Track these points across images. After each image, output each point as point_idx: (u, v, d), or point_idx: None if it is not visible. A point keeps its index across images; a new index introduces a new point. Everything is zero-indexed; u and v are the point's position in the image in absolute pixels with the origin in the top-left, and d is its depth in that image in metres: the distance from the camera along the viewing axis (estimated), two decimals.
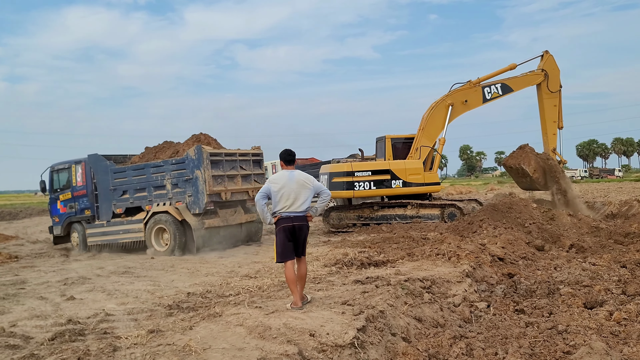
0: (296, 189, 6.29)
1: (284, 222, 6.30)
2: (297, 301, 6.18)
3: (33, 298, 8.21)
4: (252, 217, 14.15)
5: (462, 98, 17.86)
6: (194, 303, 7.32)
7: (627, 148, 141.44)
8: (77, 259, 13.12)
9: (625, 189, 32.09)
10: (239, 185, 13.30)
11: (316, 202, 6.66)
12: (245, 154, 13.76)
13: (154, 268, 10.90)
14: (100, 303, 7.71)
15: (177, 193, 13.03)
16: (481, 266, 8.94)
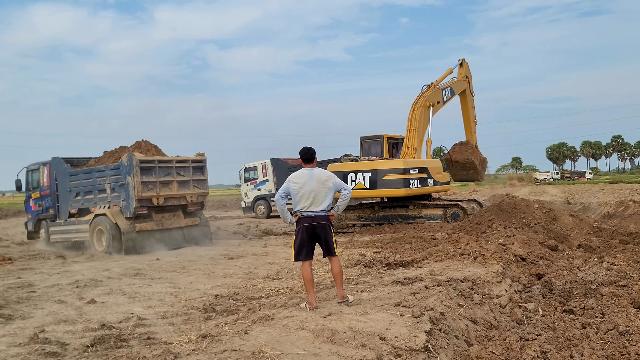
0: (316, 188, 6.06)
1: (304, 221, 6.09)
2: (313, 301, 5.99)
3: (50, 301, 7.76)
4: (193, 221, 14.64)
5: (435, 99, 18.22)
6: (229, 305, 7.01)
7: (595, 151, 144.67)
8: (76, 261, 12.60)
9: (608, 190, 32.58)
10: (174, 191, 13.72)
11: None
12: (185, 161, 14.11)
13: (164, 270, 10.49)
14: (124, 306, 7.33)
15: (114, 197, 13.64)
16: (509, 266, 8.80)
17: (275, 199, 6.13)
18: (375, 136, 17.83)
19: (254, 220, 24.03)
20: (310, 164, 6.26)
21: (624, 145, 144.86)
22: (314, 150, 6.30)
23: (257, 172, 25.93)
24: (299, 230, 6.11)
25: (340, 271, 6.28)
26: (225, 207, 36.62)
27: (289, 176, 6.23)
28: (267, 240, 15.59)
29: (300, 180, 6.07)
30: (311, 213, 6.06)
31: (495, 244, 10.30)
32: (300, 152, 6.30)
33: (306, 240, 6.11)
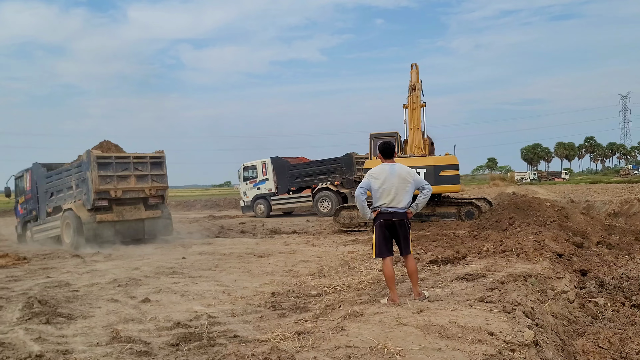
0: (397, 184, 6.00)
1: (384, 217, 6.02)
2: (395, 298, 5.93)
3: (101, 300, 7.53)
4: (155, 213, 15.49)
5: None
6: (293, 303, 6.88)
7: (569, 152, 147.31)
8: (95, 260, 12.30)
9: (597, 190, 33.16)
10: (132, 185, 14.73)
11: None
12: (142, 157, 15.10)
13: (198, 268, 10.30)
14: (182, 305, 7.14)
15: (79, 192, 14.76)
16: (554, 263, 8.84)
17: (356, 195, 6.03)
18: (389, 133, 17.75)
19: (254, 220, 23.82)
20: (390, 159, 6.19)
21: (597, 147, 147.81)
22: (394, 145, 6.23)
23: (256, 171, 25.73)
24: (378, 227, 6.04)
25: (415, 269, 6.24)
26: (219, 206, 36.25)
27: (369, 171, 6.14)
28: (285, 238, 15.44)
29: (380, 175, 5.99)
30: (391, 209, 5.99)
31: (530, 241, 10.34)
32: (380, 146, 6.22)
33: (386, 236, 6.04)
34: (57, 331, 5.96)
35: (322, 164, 24.42)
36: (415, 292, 6.10)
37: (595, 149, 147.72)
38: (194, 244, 14.77)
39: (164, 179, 15.51)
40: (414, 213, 6.26)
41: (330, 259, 10.57)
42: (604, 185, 45.86)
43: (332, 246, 13.00)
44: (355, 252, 11.41)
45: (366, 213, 6.05)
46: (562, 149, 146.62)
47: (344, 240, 13.89)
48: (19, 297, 7.97)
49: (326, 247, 12.92)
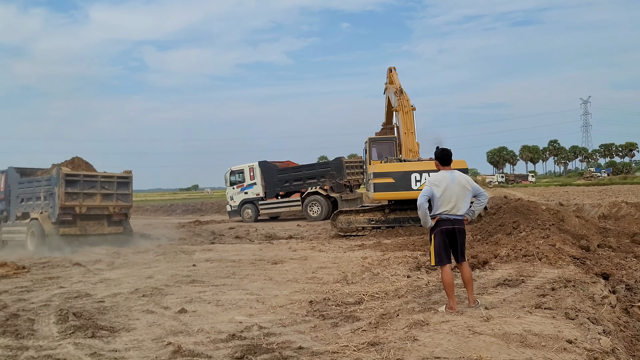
0: (458, 192, 6.02)
1: (444, 224, 6.03)
2: (454, 305, 5.95)
3: (135, 312, 7.30)
4: (117, 229, 16.40)
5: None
6: (339, 312, 6.78)
7: (533, 155, 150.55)
8: (99, 269, 11.95)
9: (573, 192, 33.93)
10: (97, 202, 15.59)
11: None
12: (110, 177, 16.08)
13: (214, 275, 10.10)
14: (222, 315, 6.98)
15: (46, 204, 15.59)
16: (576, 266, 8.97)
17: (419, 203, 5.98)
18: (387, 138, 17.79)
19: (243, 225, 23.60)
20: (448, 165, 6.17)
21: (560, 150, 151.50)
22: (451, 152, 6.22)
23: (244, 175, 25.47)
24: (438, 234, 6.02)
25: (471, 276, 6.24)
26: (201, 211, 35.75)
27: (430, 179, 6.11)
28: (287, 244, 15.30)
29: (442, 183, 5.97)
30: (451, 216, 5.98)
31: (546, 245, 10.46)
32: (438, 153, 6.20)
33: (446, 243, 6.02)
34: (107, 345, 5.75)
35: (312, 168, 24.35)
36: (471, 299, 6.09)
37: (559, 152, 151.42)
38: (195, 251, 14.52)
39: (128, 199, 16.43)
40: (470, 220, 6.25)
41: (348, 265, 10.51)
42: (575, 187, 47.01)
43: (339, 251, 12.93)
44: (369, 257, 11.37)
45: (427, 221, 6.01)
46: (527, 152, 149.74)
47: (350, 246, 13.83)
48: (41, 309, 7.68)
49: (334, 252, 12.85)
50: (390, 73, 21.20)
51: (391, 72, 21.15)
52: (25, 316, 7.17)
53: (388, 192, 15.69)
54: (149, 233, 20.15)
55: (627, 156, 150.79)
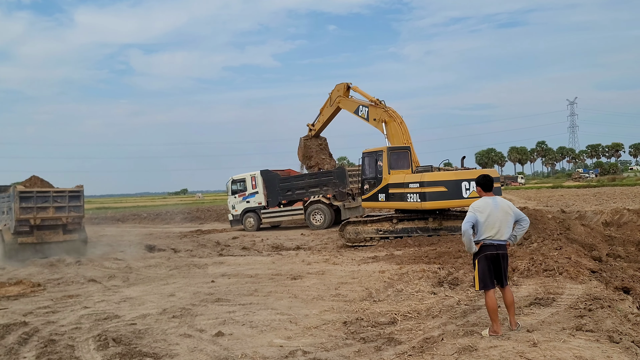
0: (501, 217, 6.15)
1: (488, 249, 6.15)
2: (498, 329, 6.06)
3: (172, 336, 7.31)
4: (72, 237, 18.16)
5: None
6: (377, 334, 6.84)
7: (521, 156, 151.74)
8: (116, 285, 11.96)
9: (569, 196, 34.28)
10: (50, 214, 17.55)
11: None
12: (62, 191, 17.99)
13: (237, 293, 10.12)
14: (260, 338, 7.02)
15: (7, 218, 17.63)
16: (598, 281, 9.12)
17: (464, 229, 6.08)
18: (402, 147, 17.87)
19: (246, 234, 23.62)
20: (490, 191, 6.28)
21: (548, 151, 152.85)
22: (492, 179, 6.34)
23: (245, 184, 25.48)
24: (483, 259, 6.12)
25: (513, 300, 6.34)
26: (200, 219, 35.65)
27: (473, 205, 6.21)
28: (297, 256, 15.34)
29: (485, 209, 6.08)
30: (494, 242, 6.09)
31: (563, 258, 10.61)
32: (481, 179, 6.31)
33: (490, 268, 6.13)
34: None
35: (314, 177, 24.39)
36: (513, 322, 6.20)
37: (547, 153, 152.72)
38: (207, 264, 14.53)
39: (80, 209, 18.30)
40: (512, 245, 6.37)
41: (369, 280, 10.58)
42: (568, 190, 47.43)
43: (353, 264, 13.01)
44: (386, 271, 11.45)
45: (472, 246, 6.11)
46: (515, 153, 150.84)
47: (363, 258, 13.91)
48: (74, 332, 7.69)
49: (349, 265, 12.92)
50: (348, 90, 22.18)
51: (348, 90, 22.18)
52: (62, 342, 7.18)
53: (440, 201, 15.69)
54: (154, 244, 20.11)
55: (613, 156, 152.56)
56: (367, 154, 18.03)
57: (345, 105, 21.96)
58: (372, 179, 17.75)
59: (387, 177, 16.98)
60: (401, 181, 16.43)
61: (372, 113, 19.76)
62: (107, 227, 34.34)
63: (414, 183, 15.92)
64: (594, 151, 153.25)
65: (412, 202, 15.91)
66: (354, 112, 20.92)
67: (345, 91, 22.11)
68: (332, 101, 22.65)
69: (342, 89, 22.13)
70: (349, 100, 21.76)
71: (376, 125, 19.43)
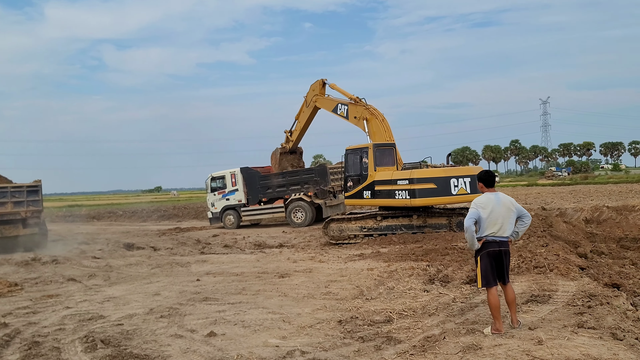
0: (504, 214, 6.06)
1: (491, 246, 6.06)
2: (500, 327, 5.97)
3: (162, 336, 7.06)
4: (32, 231, 18.68)
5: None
6: (375, 333, 6.70)
7: (495, 155, 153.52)
8: (97, 284, 11.62)
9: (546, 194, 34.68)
10: (9, 209, 18.12)
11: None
12: (20, 187, 18.63)
13: (224, 291, 9.89)
14: (254, 338, 6.82)
15: None
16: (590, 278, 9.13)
17: (466, 225, 5.96)
18: (388, 144, 17.76)
19: (226, 232, 23.33)
20: (492, 187, 6.19)
21: (521, 149, 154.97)
22: (495, 175, 6.25)
23: (225, 181, 25.15)
24: (485, 256, 6.02)
25: (514, 297, 6.25)
26: (178, 216, 35.12)
27: (475, 201, 6.10)
28: (281, 253, 15.13)
29: (488, 205, 5.98)
30: (497, 238, 6.00)
31: (551, 255, 10.60)
32: (483, 175, 6.21)
33: (492, 265, 6.03)
34: None
35: (295, 175, 24.19)
36: (515, 320, 6.12)
37: (520, 151, 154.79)
38: (189, 262, 14.24)
39: (39, 204, 18.84)
40: (514, 241, 6.28)
41: (358, 278, 10.44)
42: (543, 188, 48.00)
43: (340, 262, 12.86)
44: (375, 269, 11.33)
45: (475, 243, 6.01)
46: (489, 151, 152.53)
47: (349, 255, 13.77)
48: (58, 333, 7.41)
49: (335, 263, 12.77)
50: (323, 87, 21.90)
51: (324, 86, 21.89)
52: (46, 343, 6.89)
53: (430, 198, 15.64)
54: (133, 242, 19.71)
55: (584, 155, 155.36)
56: (351, 151, 17.85)
57: (322, 104, 21.71)
58: (356, 176, 17.60)
59: (373, 174, 16.84)
60: (389, 178, 16.32)
61: (352, 111, 19.58)
62: (82, 224, 33.68)
63: (402, 180, 15.82)
64: (566, 150, 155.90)
65: (401, 199, 15.81)
66: (333, 111, 20.70)
67: (321, 89, 21.82)
68: (309, 102, 22.39)
69: (318, 87, 21.85)
70: (326, 99, 21.51)
71: (357, 124, 19.27)
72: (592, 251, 12.96)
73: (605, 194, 31.81)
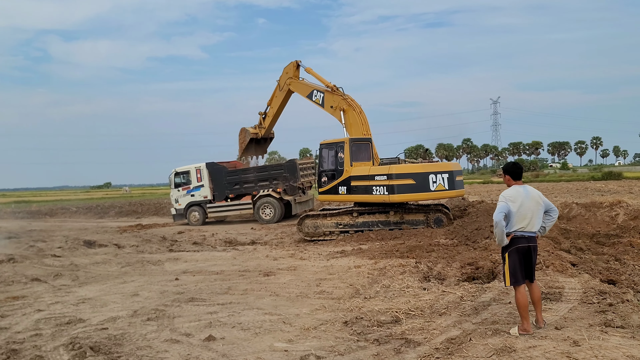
0: (533, 207, 5.76)
1: (519, 242, 5.75)
2: (528, 327, 5.68)
3: (155, 341, 6.47)
4: None
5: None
6: (388, 334, 6.30)
7: (448, 153, 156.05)
8: (63, 284, 10.81)
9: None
10: None
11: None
12: None
13: (210, 291, 9.29)
14: (255, 342, 6.31)
15: None
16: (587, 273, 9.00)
17: (497, 220, 5.61)
18: (364, 139, 17.33)
19: (192, 229, 22.51)
20: (520, 180, 5.87)
21: (473, 148, 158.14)
22: (522, 166, 5.94)
23: (189, 177, 24.28)
24: (514, 252, 5.70)
25: (540, 296, 5.97)
26: (137, 213, 33.84)
27: (504, 194, 5.77)
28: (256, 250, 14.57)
29: (517, 198, 5.66)
30: (525, 234, 5.68)
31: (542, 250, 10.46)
32: (510, 167, 5.89)
33: (521, 262, 5.71)
34: None
35: (264, 170, 23.59)
36: (540, 319, 5.83)
37: (472, 150, 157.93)
38: (160, 260, 13.51)
39: None
40: (540, 237, 5.99)
41: (350, 276, 10.02)
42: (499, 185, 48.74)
43: (322, 259, 12.42)
44: (362, 266, 10.96)
45: (504, 239, 5.67)
46: (442, 149, 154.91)
47: (330, 252, 13.35)
48: (35, 339, 6.72)
49: (317, 260, 12.33)
50: (298, 69, 20.92)
51: (298, 68, 20.90)
52: (26, 351, 6.20)
53: (409, 194, 15.27)
54: (93, 239, 18.72)
55: (533, 154, 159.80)
56: (326, 146, 17.42)
57: (296, 88, 20.81)
58: (331, 172, 17.18)
59: (349, 170, 16.45)
60: (365, 173, 15.96)
61: (328, 100, 18.93)
62: (33, 221, 32.06)
63: (380, 175, 15.47)
64: (516, 149, 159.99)
65: (379, 195, 15.46)
66: (307, 97, 19.85)
67: (295, 71, 20.92)
68: (282, 86, 21.54)
69: (292, 70, 20.93)
70: (301, 82, 20.61)
71: (333, 113, 18.74)
72: (571, 246, 12.95)
73: (564, 191, 32.48)
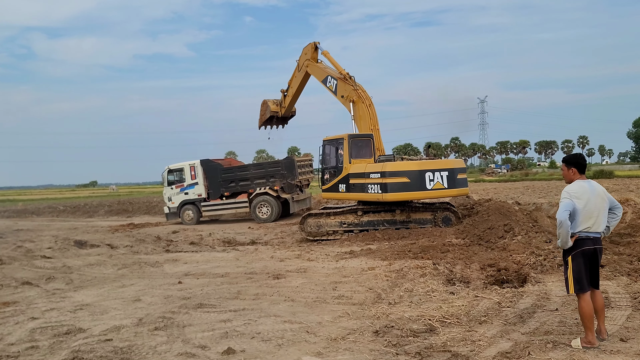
0: (599, 205, 5.17)
1: (585, 244, 5.16)
2: (593, 340, 5.09)
3: (167, 354, 5.81)
4: None
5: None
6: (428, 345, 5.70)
7: (437, 152, 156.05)
8: (57, 288, 10.09)
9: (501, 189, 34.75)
10: None
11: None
12: None
13: (218, 296, 8.62)
14: (280, 356, 5.67)
15: None
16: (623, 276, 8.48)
17: (562, 219, 4.99)
18: (365, 135, 16.68)
19: (186, 228, 21.76)
20: (584, 174, 5.27)
21: (461, 147, 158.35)
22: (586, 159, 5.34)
23: (183, 174, 23.51)
24: (578, 255, 5.10)
25: (604, 304, 5.38)
26: (128, 211, 32.91)
27: (568, 190, 5.16)
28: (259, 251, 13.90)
29: (583, 195, 5.05)
30: (591, 234, 5.08)
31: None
32: (574, 159, 5.28)
33: (587, 267, 5.11)
34: None
35: (261, 168, 22.91)
36: (603, 330, 5.26)
37: (460, 148, 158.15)
38: (158, 262, 12.80)
39: None
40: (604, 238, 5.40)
41: (367, 279, 9.39)
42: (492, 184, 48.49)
43: (331, 260, 11.80)
44: (377, 267, 10.36)
45: (568, 241, 5.07)
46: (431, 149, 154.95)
47: (338, 253, 12.73)
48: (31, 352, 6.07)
49: (326, 261, 11.70)
50: (316, 51, 19.74)
51: (316, 50, 19.71)
52: None
53: (403, 193, 14.55)
54: (84, 239, 17.92)
55: (520, 153, 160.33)
56: (328, 142, 16.82)
57: (313, 71, 19.79)
58: (332, 168, 16.58)
59: (347, 167, 15.86)
60: (362, 171, 15.35)
61: (340, 88, 18.03)
62: (20, 220, 31.06)
63: (375, 173, 14.85)
64: (503, 148, 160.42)
65: (373, 193, 14.85)
66: (322, 82, 18.81)
67: (313, 52, 19.80)
68: (300, 67, 20.47)
69: (310, 51, 19.84)
70: (317, 66, 19.56)
71: (344, 103, 17.97)
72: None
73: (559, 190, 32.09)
